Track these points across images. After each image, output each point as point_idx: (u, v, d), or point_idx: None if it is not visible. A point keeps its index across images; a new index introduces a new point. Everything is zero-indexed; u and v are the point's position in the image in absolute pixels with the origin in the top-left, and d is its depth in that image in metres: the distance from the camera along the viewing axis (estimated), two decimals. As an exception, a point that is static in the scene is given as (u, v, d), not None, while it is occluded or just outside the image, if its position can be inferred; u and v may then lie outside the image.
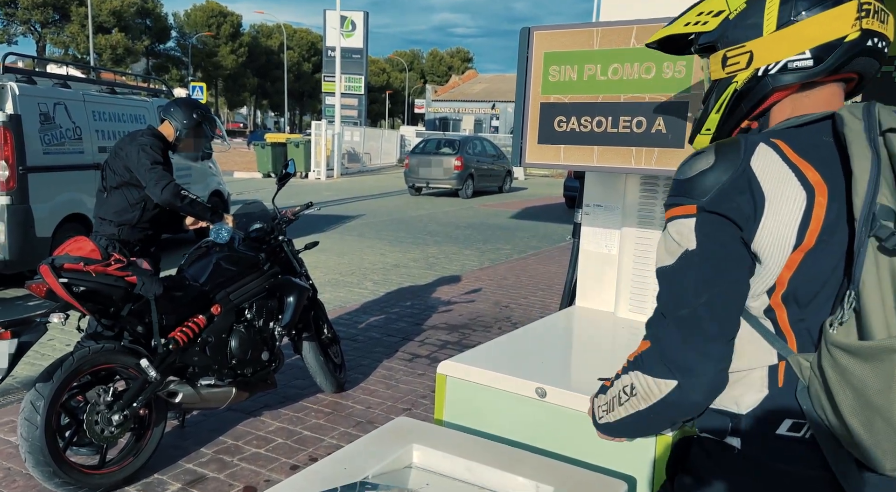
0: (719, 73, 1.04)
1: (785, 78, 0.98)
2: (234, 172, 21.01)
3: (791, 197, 0.90)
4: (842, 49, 0.94)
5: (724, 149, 0.96)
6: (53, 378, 2.54)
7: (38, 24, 41.44)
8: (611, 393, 1.06)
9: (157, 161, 3.24)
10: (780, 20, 0.96)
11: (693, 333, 0.93)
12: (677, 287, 0.96)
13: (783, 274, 0.92)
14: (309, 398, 3.77)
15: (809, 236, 0.90)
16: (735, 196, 0.92)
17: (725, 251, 0.93)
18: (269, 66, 60.19)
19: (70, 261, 2.64)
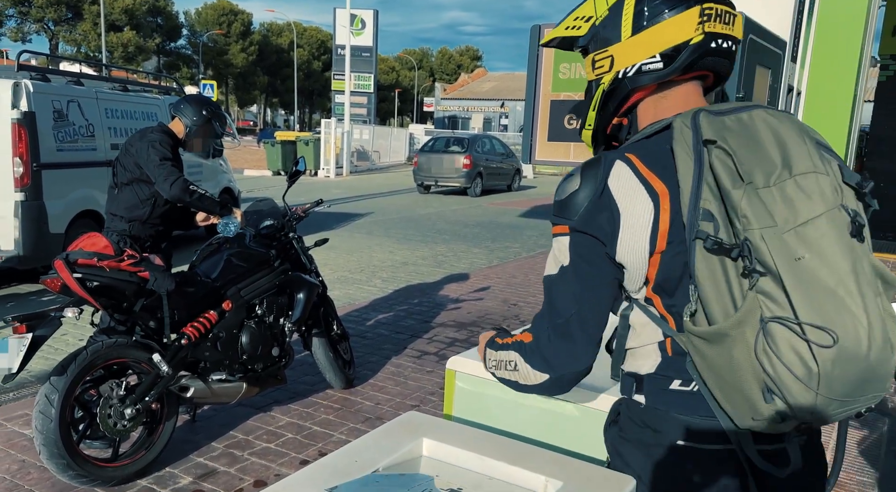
0: (591, 75, 1.15)
1: (641, 79, 1.08)
2: (245, 170, 21.11)
3: (641, 208, 1.01)
4: (688, 51, 1.04)
5: (588, 170, 1.06)
6: (67, 372, 2.58)
7: (51, 23, 41.78)
8: (500, 356, 1.21)
9: (165, 157, 3.28)
10: (635, 27, 1.06)
11: (565, 340, 1.08)
12: (556, 297, 1.09)
13: (650, 272, 1.03)
14: (318, 394, 3.79)
15: (660, 241, 1.00)
16: (597, 215, 1.03)
17: (592, 269, 1.06)
18: (279, 64, 60.39)
19: (84, 256, 2.67)
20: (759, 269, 0.91)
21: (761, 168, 0.94)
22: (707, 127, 0.98)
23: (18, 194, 5.45)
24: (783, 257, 0.90)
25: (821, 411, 0.92)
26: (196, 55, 51.72)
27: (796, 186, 0.93)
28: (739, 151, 0.94)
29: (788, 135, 0.97)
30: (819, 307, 0.89)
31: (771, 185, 0.92)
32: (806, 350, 0.89)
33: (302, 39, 61.63)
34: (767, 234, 0.90)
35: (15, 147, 5.38)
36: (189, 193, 3.26)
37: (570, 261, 1.07)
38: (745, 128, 0.98)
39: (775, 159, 0.94)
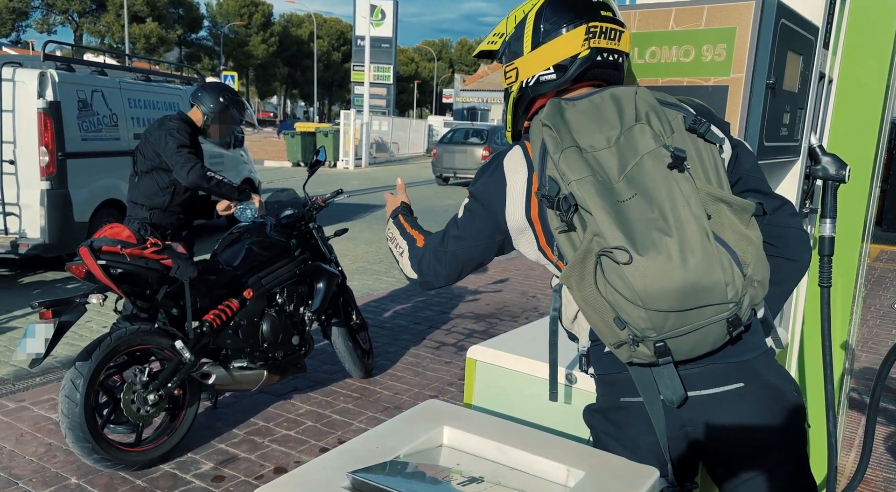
0: (504, 84, 1.33)
1: (540, 88, 1.27)
2: (265, 161, 21.24)
3: (519, 179, 1.22)
4: (576, 64, 1.23)
5: (498, 153, 1.29)
6: (92, 357, 2.62)
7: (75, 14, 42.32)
8: (397, 236, 1.46)
9: (183, 145, 3.30)
10: (533, 43, 1.25)
11: (439, 263, 1.33)
12: (447, 233, 1.32)
13: (537, 228, 1.21)
14: (337, 383, 3.81)
15: (533, 205, 1.20)
16: (490, 185, 1.26)
17: (476, 224, 1.28)
18: (299, 55, 60.59)
19: (108, 243, 2.70)
20: (584, 214, 1.08)
21: (599, 135, 1.12)
22: (546, 111, 1.17)
23: (44, 183, 5.54)
24: (602, 200, 1.06)
25: (660, 325, 1.05)
26: (217, 46, 52.07)
27: (625, 139, 1.11)
28: (576, 125, 1.14)
29: (626, 101, 1.15)
30: (629, 233, 1.04)
31: (611, 145, 1.11)
32: (625, 273, 1.03)
33: (322, 30, 61.72)
34: (581, 184, 1.07)
35: (41, 136, 5.47)
36: (207, 179, 3.29)
37: (462, 212, 1.31)
38: (592, 106, 1.16)
39: (614, 124, 1.13)
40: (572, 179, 1.09)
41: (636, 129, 1.12)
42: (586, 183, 1.08)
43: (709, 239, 1.05)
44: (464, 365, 4.22)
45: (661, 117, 1.15)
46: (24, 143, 5.51)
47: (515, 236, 1.27)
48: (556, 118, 1.16)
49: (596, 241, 1.07)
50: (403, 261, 1.41)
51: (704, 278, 1.03)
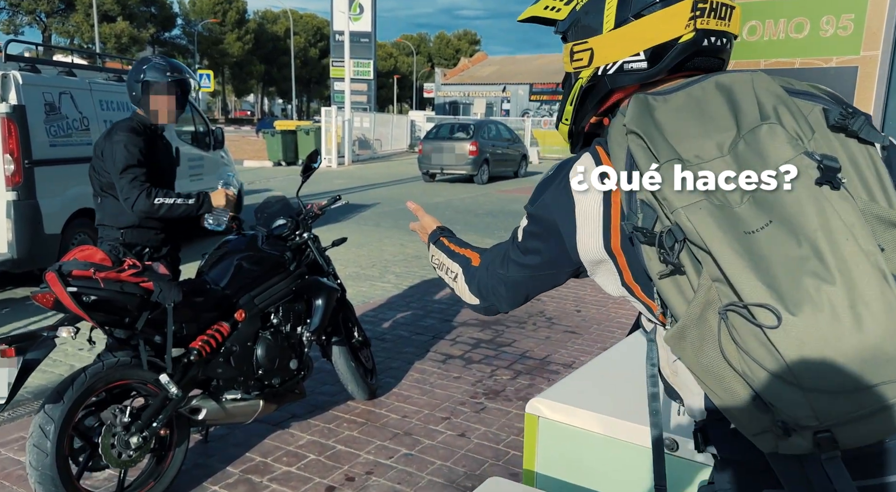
0: (568, 67, 1.04)
1: (622, 79, 0.98)
2: (244, 161, 20.73)
3: (591, 200, 0.94)
4: (676, 50, 0.94)
5: (565, 161, 1.01)
6: (64, 399, 2.28)
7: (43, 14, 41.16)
8: (446, 261, 1.25)
9: (129, 165, 2.75)
10: (618, 18, 0.95)
11: (500, 285, 1.12)
12: (506, 255, 1.10)
13: (621, 262, 0.94)
14: (340, 406, 3.49)
15: (615, 236, 0.93)
16: (553, 206, 0.98)
17: (534, 254, 1.05)
18: (275, 52, 59.68)
19: (79, 267, 2.35)
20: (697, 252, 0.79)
21: (706, 140, 0.84)
22: (632, 113, 0.89)
23: (10, 194, 5.12)
24: (724, 232, 0.77)
25: (825, 411, 0.75)
26: (191, 45, 51.04)
27: (747, 146, 0.82)
28: (672, 127, 0.86)
29: (741, 92, 0.87)
30: (769, 279, 0.75)
31: (725, 153, 0.83)
32: (771, 339, 0.75)
33: (298, 26, 60.84)
34: (691, 211, 0.79)
35: (5, 143, 5.04)
36: (156, 207, 2.75)
37: (522, 236, 1.07)
38: (691, 101, 0.89)
39: (727, 124, 0.85)
40: (678, 206, 0.81)
41: (762, 130, 0.83)
42: (699, 210, 0.80)
43: (889, 284, 0.75)
44: (474, 380, 3.96)
45: (795, 112, 0.86)
46: (-14, 151, 5.09)
47: (591, 268, 1.01)
48: (646, 121, 0.88)
49: (718, 290, 0.79)
50: (459, 286, 1.22)
51: (888, 342, 0.73)
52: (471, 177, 16.48)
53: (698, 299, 0.79)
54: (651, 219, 0.84)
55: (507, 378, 3.93)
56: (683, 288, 0.83)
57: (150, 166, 2.84)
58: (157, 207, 2.76)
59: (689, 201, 0.80)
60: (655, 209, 0.83)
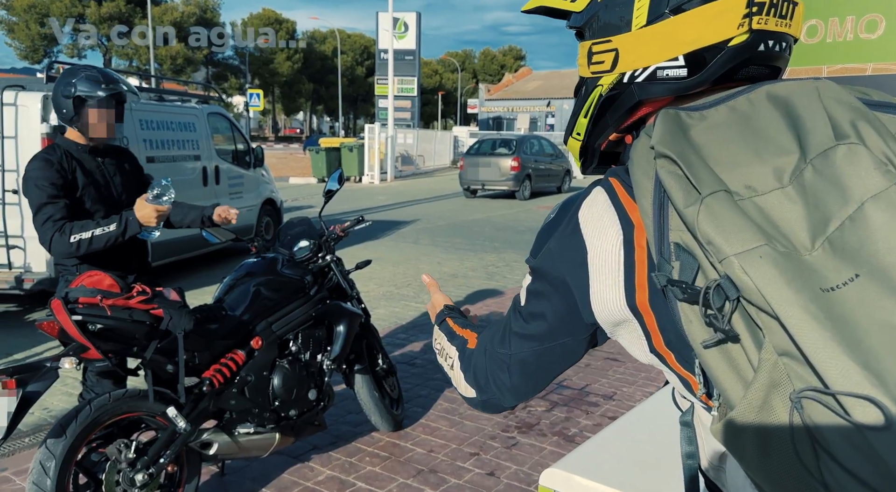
0: (585, 71, 0.86)
1: (653, 89, 0.78)
2: (290, 178, 21.07)
3: (609, 244, 0.76)
4: (725, 56, 0.74)
5: (567, 201, 0.84)
6: (66, 433, 2.18)
7: (104, 38, 43.13)
8: (445, 344, 1.06)
9: (39, 205, 2.43)
10: (652, 13, 0.76)
11: (501, 371, 0.91)
12: (506, 327, 0.90)
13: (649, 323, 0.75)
14: (363, 438, 3.33)
15: (640, 290, 0.74)
16: (560, 255, 0.81)
17: (542, 320, 0.85)
18: (323, 71, 61.00)
19: (86, 294, 2.26)
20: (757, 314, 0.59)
21: (759, 166, 0.64)
22: (660, 131, 0.69)
23: (49, 213, 5.18)
24: (796, 291, 0.57)
25: None
26: (243, 65, 52.64)
27: (815, 173, 0.62)
28: (714, 150, 0.66)
29: (804, 105, 0.66)
30: (867, 360, 0.54)
31: (787, 183, 0.63)
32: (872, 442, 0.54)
33: (345, 45, 62.10)
34: (748, 260, 0.59)
35: (45, 163, 5.12)
36: (75, 245, 2.41)
37: (525, 300, 0.88)
38: (736, 116, 0.69)
39: (787, 146, 0.65)
40: (730, 253, 0.60)
41: (839, 153, 0.62)
42: (758, 259, 0.59)
43: None
44: (506, 413, 3.75)
45: (881, 129, 0.64)
46: (27, 171, 5.17)
47: (610, 329, 0.81)
48: (680, 142, 0.67)
49: (787, 367, 0.57)
50: (455, 375, 1.00)
51: None
52: (512, 192, 16.28)
53: (760, 381, 0.59)
54: (691, 269, 0.64)
55: (542, 410, 3.70)
56: (738, 363, 0.62)
57: (76, 194, 2.52)
58: (74, 245, 2.42)
59: (743, 247, 0.60)
60: (696, 256, 0.64)
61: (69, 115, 2.52)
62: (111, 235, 2.46)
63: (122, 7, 41.27)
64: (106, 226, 2.46)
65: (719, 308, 0.60)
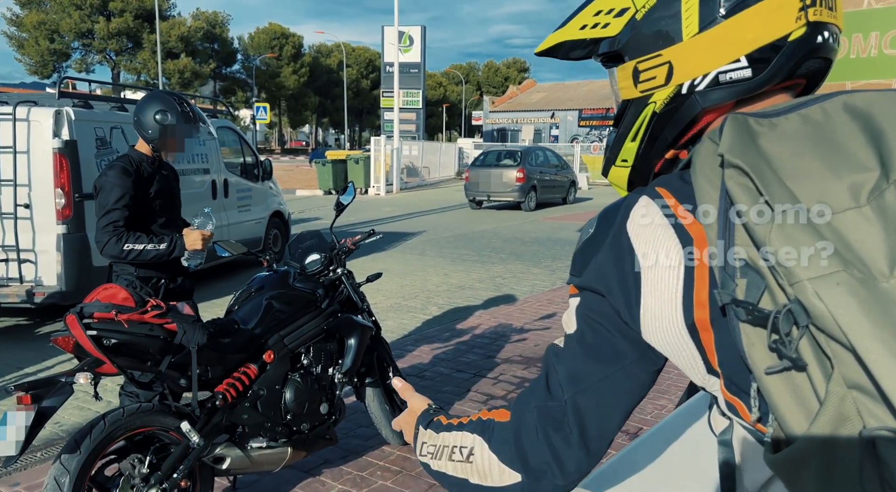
0: (631, 92, 0.82)
1: (717, 94, 0.76)
2: (297, 191, 21.15)
3: (666, 259, 0.71)
4: (787, 50, 0.73)
5: (607, 213, 0.79)
6: (81, 449, 2.18)
7: (112, 53, 43.60)
8: (445, 440, 0.88)
9: (108, 209, 2.75)
10: (704, 19, 0.74)
11: (558, 431, 0.78)
12: (551, 372, 0.81)
13: (709, 354, 0.70)
14: (373, 452, 3.31)
15: (698, 308, 0.69)
16: (609, 269, 0.75)
17: (601, 342, 0.77)
18: (329, 84, 61.45)
19: (101, 309, 2.28)
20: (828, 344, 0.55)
21: (834, 181, 0.60)
22: (729, 135, 0.65)
23: (60, 227, 5.23)
24: (873, 322, 0.53)
25: None
26: (250, 79, 53.07)
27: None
28: (787, 162, 0.62)
29: (888, 119, 0.62)
30: None
31: (864, 202, 0.58)
32: None
33: (350, 59, 62.56)
34: (824, 285, 0.56)
35: (56, 178, 5.17)
36: (125, 253, 2.75)
37: (575, 328, 0.79)
38: (810, 126, 0.65)
39: (866, 162, 0.60)
40: (803, 278, 0.57)
41: None
42: (835, 285, 0.56)
43: None
44: (517, 425, 3.70)
45: None
46: (39, 185, 5.23)
47: (664, 349, 0.76)
48: (751, 151, 0.63)
49: (857, 402, 0.55)
50: (481, 464, 0.83)
51: None
52: (518, 204, 16.29)
53: (828, 414, 0.56)
54: (757, 289, 0.61)
55: (553, 423, 3.67)
56: (802, 392, 0.59)
57: (147, 202, 2.87)
58: (125, 252, 2.75)
59: (819, 272, 0.57)
60: (764, 276, 0.60)
61: (151, 137, 2.89)
62: (160, 253, 2.78)
63: (130, 22, 41.74)
64: (158, 244, 2.76)
65: (787, 334, 0.58)
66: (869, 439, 0.54)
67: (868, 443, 0.54)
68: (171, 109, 2.87)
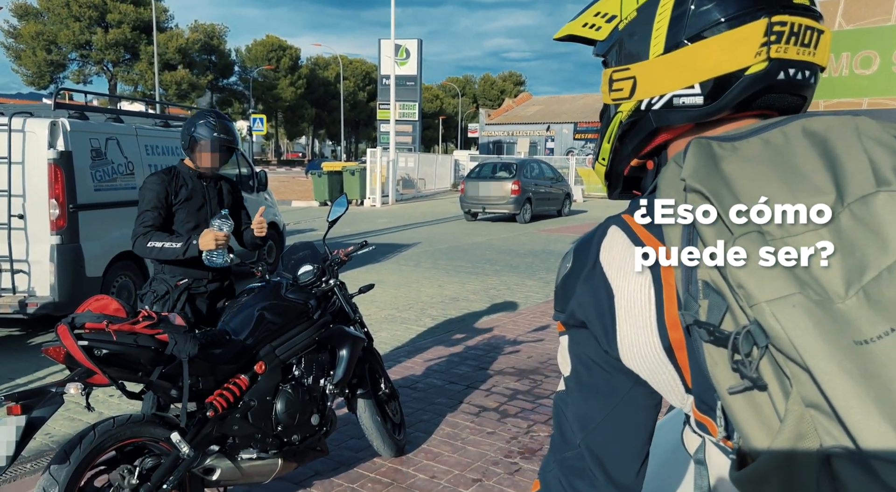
0: (606, 98, 0.85)
1: (670, 116, 0.78)
2: (292, 202, 21.17)
3: (636, 285, 0.72)
4: (741, 84, 0.73)
5: (581, 246, 0.80)
6: (70, 459, 2.18)
7: (110, 64, 43.71)
8: None
9: (143, 209, 3.06)
10: (669, 41, 0.76)
11: (578, 479, 0.77)
12: (562, 421, 0.81)
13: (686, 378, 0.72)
14: (364, 464, 3.31)
15: (672, 331, 0.70)
16: (588, 301, 0.76)
17: (595, 377, 0.77)
18: (326, 96, 61.65)
19: (92, 319, 2.28)
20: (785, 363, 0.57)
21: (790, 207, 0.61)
22: (692, 160, 0.66)
23: (54, 238, 5.23)
24: (827, 342, 0.55)
25: None
26: (247, 90, 53.23)
27: (852, 218, 0.60)
28: (747, 186, 0.63)
29: (843, 144, 0.64)
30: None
31: (821, 226, 0.60)
32: None
33: (347, 71, 62.88)
34: (780, 307, 0.57)
35: (51, 188, 5.18)
36: (149, 250, 3.01)
37: (570, 368, 0.79)
38: (771, 151, 0.66)
39: (823, 186, 0.62)
40: (761, 300, 0.58)
41: (879, 200, 0.60)
42: (791, 307, 0.57)
43: None
44: (509, 437, 3.71)
45: None
46: (33, 196, 5.24)
47: (645, 374, 0.76)
48: (712, 176, 0.65)
49: (815, 420, 0.56)
50: None
51: None
52: (513, 216, 16.34)
53: (786, 432, 0.57)
54: (719, 310, 0.62)
55: (545, 435, 3.68)
56: (763, 410, 0.60)
57: (183, 206, 3.13)
58: (149, 250, 3.01)
59: (776, 294, 0.58)
60: (725, 297, 0.61)
61: (185, 147, 3.17)
62: (175, 251, 3.00)
63: (127, 34, 41.89)
64: (174, 242, 3.00)
65: (747, 354, 0.59)
66: (825, 456, 0.55)
67: (824, 461, 0.55)
68: (205, 126, 3.12)
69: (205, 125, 3.12)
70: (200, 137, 3.11)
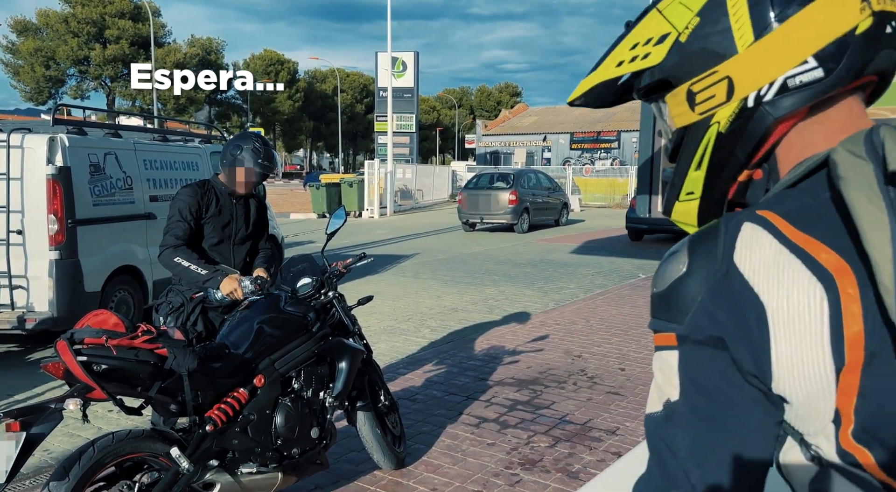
0: (689, 116, 0.75)
1: (788, 101, 0.68)
2: (290, 214, 21.20)
3: (803, 298, 0.60)
4: (857, 45, 0.65)
5: (699, 244, 0.68)
6: (70, 476, 2.17)
7: (108, 79, 43.89)
8: None
9: (174, 220, 3.14)
10: (758, 25, 0.68)
11: None
12: (664, 453, 0.68)
13: (841, 402, 0.60)
14: (364, 477, 3.30)
15: (851, 351, 0.59)
16: (721, 314, 0.64)
17: (720, 405, 0.65)
18: (323, 109, 61.92)
19: (91, 335, 2.29)
20: None
21: None
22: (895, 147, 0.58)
23: (53, 253, 5.24)
24: None
25: None
26: (245, 104, 53.44)
27: None
28: None
29: None
30: None
31: None
32: None
33: (345, 84, 63.18)
34: None
35: (49, 204, 5.20)
36: (173, 265, 3.08)
37: (680, 392, 0.67)
38: None
39: None
40: None
41: None
42: None
43: None
44: (509, 448, 3.71)
45: None
46: (32, 211, 5.25)
47: (797, 405, 0.64)
48: None
49: None
50: None
51: None
52: (511, 226, 16.37)
53: None
54: None
55: (545, 446, 3.67)
56: None
57: (210, 220, 3.23)
58: (173, 265, 3.07)
59: None
60: None
61: (225, 167, 3.26)
62: (198, 277, 3.07)
63: (126, 49, 42.10)
64: (200, 268, 3.06)
65: None
66: None
67: None
68: (250, 152, 3.20)
69: (251, 151, 3.20)
70: (244, 162, 3.19)
